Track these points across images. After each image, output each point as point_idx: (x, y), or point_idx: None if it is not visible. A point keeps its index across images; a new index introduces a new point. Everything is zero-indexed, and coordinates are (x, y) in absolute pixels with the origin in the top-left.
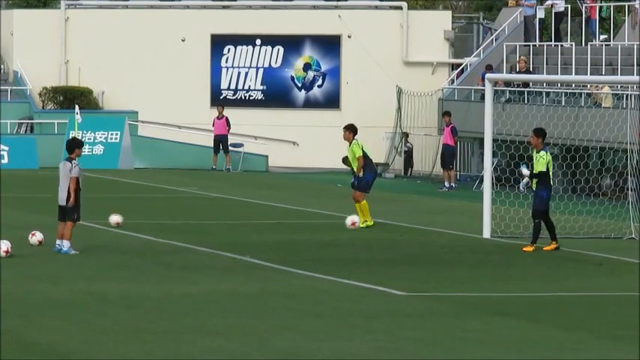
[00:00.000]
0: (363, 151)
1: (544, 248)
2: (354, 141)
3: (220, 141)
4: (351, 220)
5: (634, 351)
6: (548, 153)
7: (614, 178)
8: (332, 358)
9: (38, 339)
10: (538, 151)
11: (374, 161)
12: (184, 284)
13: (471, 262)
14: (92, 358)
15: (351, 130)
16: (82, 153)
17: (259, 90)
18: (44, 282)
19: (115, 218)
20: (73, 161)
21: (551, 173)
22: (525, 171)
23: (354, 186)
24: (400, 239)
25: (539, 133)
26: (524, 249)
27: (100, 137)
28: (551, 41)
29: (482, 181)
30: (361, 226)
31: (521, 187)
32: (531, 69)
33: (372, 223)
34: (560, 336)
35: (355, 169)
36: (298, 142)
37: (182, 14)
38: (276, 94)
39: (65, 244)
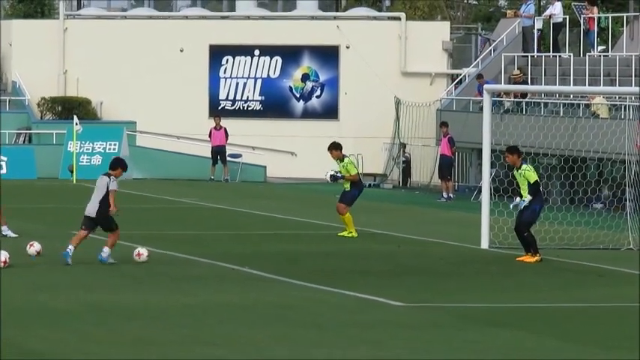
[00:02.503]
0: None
1: (519, 259)
2: (346, 159)
3: (219, 152)
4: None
5: None
6: (529, 164)
7: (612, 189)
8: None
9: (36, 348)
10: (518, 168)
11: (372, 172)
12: (182, 294)
13: (469, 272)
14: None
15: (337, 147)
16: (81, 164)
17: (258, 100)
18: (42, 292)
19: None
20: (112, 176)
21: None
22: (521, 202)
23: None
24: (398, 250)
25: (514, 150)
26: (527, 260)
27: (99, 147)
28: (549, 52)
29: (480, 191)
30: (346, 236)
31: (511, 207)
32: (529, 80)
33: (356, 235)
34: (558, 346)
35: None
36: (296, 152)
37: (180, 25)
38: (275, 105)
39: (106, 251)
